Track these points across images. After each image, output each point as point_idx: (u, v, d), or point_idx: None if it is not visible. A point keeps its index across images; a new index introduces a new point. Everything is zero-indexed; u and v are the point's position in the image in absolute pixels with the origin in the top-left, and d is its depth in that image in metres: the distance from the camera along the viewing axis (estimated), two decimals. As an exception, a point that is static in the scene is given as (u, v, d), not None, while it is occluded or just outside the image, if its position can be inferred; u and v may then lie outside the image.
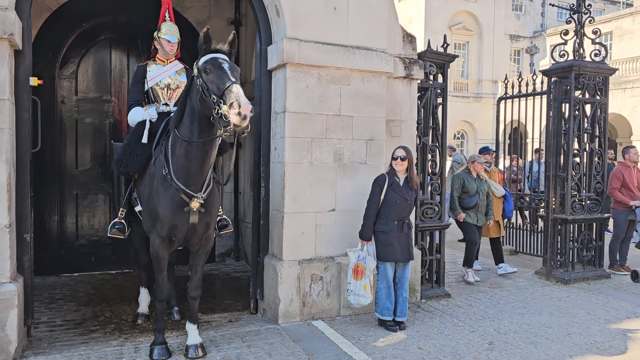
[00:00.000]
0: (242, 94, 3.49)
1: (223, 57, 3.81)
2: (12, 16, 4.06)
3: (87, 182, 7.15)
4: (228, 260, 8.03)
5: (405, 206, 5.06)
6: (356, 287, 4.97)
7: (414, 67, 5.93)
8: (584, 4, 7.43)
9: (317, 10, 5.19)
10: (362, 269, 4.95)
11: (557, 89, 7.31)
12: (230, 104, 3.44)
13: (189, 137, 3.97)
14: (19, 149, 4.33)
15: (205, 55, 3.82)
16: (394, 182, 5.03)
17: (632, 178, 7.68)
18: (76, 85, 7.09)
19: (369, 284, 4.96)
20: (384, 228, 5.00)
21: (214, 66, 3.71)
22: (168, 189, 4.09)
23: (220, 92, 3.57)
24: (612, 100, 9.89)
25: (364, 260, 4.96)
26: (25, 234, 4.39)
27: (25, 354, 4.26)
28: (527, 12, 36.44)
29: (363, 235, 5.01)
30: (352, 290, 5.00)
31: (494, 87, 32.37)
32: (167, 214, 4.11)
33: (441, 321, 5.37)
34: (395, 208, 4.99)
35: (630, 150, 7.85)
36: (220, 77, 3.64)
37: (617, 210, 7.72)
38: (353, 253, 5.06)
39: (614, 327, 5.29)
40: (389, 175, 5.06)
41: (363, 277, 4.94)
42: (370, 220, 5.00)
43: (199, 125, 3.90)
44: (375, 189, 5.01)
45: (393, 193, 4.99)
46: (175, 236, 4.23)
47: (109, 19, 7.10)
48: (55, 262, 6.86)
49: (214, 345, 4.54)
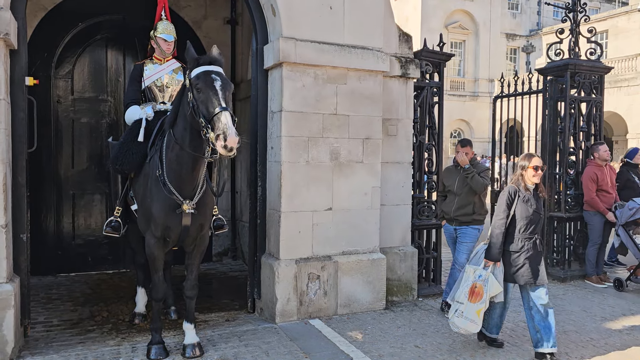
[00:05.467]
0: (231, 124, 3.40)
1: (216, 72, 3.68)
2: (7, 16, 4.05)
3: (84, 182, 7.14)
4: (225, 259, 8.03)
5: (538, 221, 4.41)
6: (469, 310, 4.34)
7: (410, 66, 5.95)
8: (579, 3, 7.46)
9: (313, 10, 5.19)
10: (480, 292, 4.32)
11: (553, 88, 7.33)
12: (217, 135, 3.39)
13: (181, 142, 3.93)
14: (14, 149, 4.32)
15: (197, 66, 3.71)
16: (524, 194, 4.38)
17: (606, 178, 6.93)
18: (72, 85, 7.08)
19: (483, 309, 4.34)
20: (514, 247, 4.37)
21: (206, 85, 3.60)
22: (161, 190, 4.08)
23: (209, 116, 3.50)
24: (607, 99, 9.93)
25: (485, 283, 4.32)
26: (21, 234, 4.38)
27: (22, 354, 4.25)
28: (523, 10, 36.51)
29: (491, 256, 4.34)
30: (462, 312, 4.38)
31: (490, 86, 32.46)
32: (160, 214, 4.11)
33: (438, 319, 5.38)
34: (527, 224, 4.34)
35: (600, 148, 7.02)
36: (211, 99, 3.54)
37: (590, 213, 6.98)
38: (474, 270, 4.43)
39: (610, 324, 5.31)
40: (517, 187, 4.40)
41: (479, 300, 4.31)
42: (498, 239, 4.35)
43: (190, 133, 3.86)
44: (504, 202, 4.38)
45: (525, 207, 4.34)
46: (170, 237, 4.23)
47: (104, 18, 7.09)
48: (51, 262, 6.84)
49: (212, 344, 4.54)
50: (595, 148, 7.10)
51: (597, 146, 7.10)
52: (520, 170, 4.41)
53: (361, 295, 5.49)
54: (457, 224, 5.61)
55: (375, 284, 5.56)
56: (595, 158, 7.05)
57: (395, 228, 5.98)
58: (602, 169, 6.98)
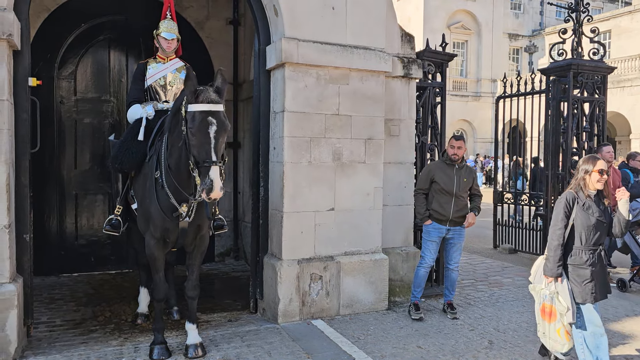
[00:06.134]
0: (217, 180, 3.47)
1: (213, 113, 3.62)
2: (10, 17, 4.06)
3: (86, 183, 7.16)
4: (227, 259, 8.02)
5: (603, 230, 3.94)
6: (549, 330, 4.05)
7: (412, 67, 5.94)
8: (582, 3, 7.45)
9: (315, 10, 5.19)
10: (551, 311, 3.99)
11: (556, 88, 7.33)
12: (202, 189, 3.48)
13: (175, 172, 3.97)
14: (17, 150, 4.33)
15: (195, 101, 3.65)
16: (584, 200, 3.92)
17: (609, 179, 7.10)
18: (75, 86, 7.09)
19: (562, 328, 3.96)
20: (576, 260, 3.93)
21: (200, 130, 3.58)
22: (159, 192, 4.09)
23: (199, 164, 3.56)
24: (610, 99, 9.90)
25: (552, 301, 3.97)
26: (24, 234, 4.39)
27: (25, 354, 4.26)
28: (525, 11, 36.47)
29: (549, 272, 3.94)
30: (544, 333, 4.11)
31: (493, 86, 32.40)
32: (158, 217, 4.12)
33: (440, 320, 5.37)
34: (589, 233, 3.89)
35: (602, 149, 6.96)
36: (203, 147, 3.56)
37: None
38: (536, 292, 4.14)
39: (612, 325, 5.29)
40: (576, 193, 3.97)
41: (554, 320, 3.98)
42: (557, 252, 3.91)
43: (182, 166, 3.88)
44: (562, 211, 3.94)
45: (585, 215, 3.89)
46: (168, 238, 4.24)
47: (107, 19, 7.10)
48: (54, 262, 6.86)
49: (214, 344, 4.54)
50: (599, 149, 7.11)
51: (600, 147, 7.10)
52: (583, 175, 3.94)
53: (363, 295, 5.49)
54: (451, 225, 5.43)
55: (378, 284, 5.56)
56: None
57: (398, 228, 5.98)
58: None
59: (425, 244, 5.51)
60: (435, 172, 5.43)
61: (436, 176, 5.40)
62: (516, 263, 8.16)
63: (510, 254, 8.98)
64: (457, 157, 5.35)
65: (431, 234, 5.45)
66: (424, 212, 5.45)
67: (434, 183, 5.41)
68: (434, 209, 5.41)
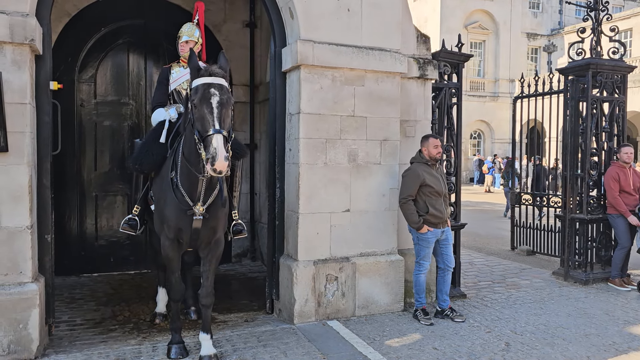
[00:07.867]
0: (221, 148, 3.40)
1: (216, 85, 3.61)
2: (32, 22, 4.16)
3: (106, 184, 7.28)
4: (244, 260, 8.09)
5: None
6: None
7: (428, 67, 5.93)
8: (601, 2, 7.35)
9: (330, 12, 5.22)
10: None
11: (574, 88, 7.23)
12: (207, 159, 3.43)
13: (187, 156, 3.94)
14: (39, 152, 4.42)
15: (197, 77, 3.66)
16: None
17: (628, 180, 6.82)
18: (95, 89, 7.22)
19: None
20: None
21: (202, 101, 3.57)
22: (174, 192, 4.11)
23: (202, 136, 3.53)
24: (631, 98, 9.74)
25: None
26: (46, 234, 4.48)
27: (46, 352, 4.35)
28: (544, 9, 36.01)
29: None
30: None
31: (511, 86, 32.03)
32: (172, 216, 4.14)
33: (457, 321, 5.34)
34: None
35: (621, 150, 6.96)
36: (206, 118, 3.53)
37: (613, 216, 6.88)
38: None
39: (633, 328, 5.22)
40: None
41: None
42: None
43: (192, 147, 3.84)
44: None
45: None
46: (182, 238, 4.24)
47: (126, 23, 7.22)
48: (75, 262, 6.98)
49: (230, 344, 4.58)
50: (618, 149, 7.06)
51: (620, 147, 7.05)
52: None
53: (379, 296, 5.49)
54: (444, 225, 5.36)
55: (394, 285, 5.55)
56: (618, 159, 6.99)
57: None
58: (625, 170, 6.87)
59: (424, 251, 5.34)
60: (424, 175, 5.23)
61: (427, 179, 5.22)
62: (534, 265, 8.07)
63: (528, 255, 8.89)
64: (440, 156, 5.38)
65: (430, 240, 5.31)
66: (418, 219, 5.22)
67: (425, 186, 5.22)
68: (430, 214, 5.23)
